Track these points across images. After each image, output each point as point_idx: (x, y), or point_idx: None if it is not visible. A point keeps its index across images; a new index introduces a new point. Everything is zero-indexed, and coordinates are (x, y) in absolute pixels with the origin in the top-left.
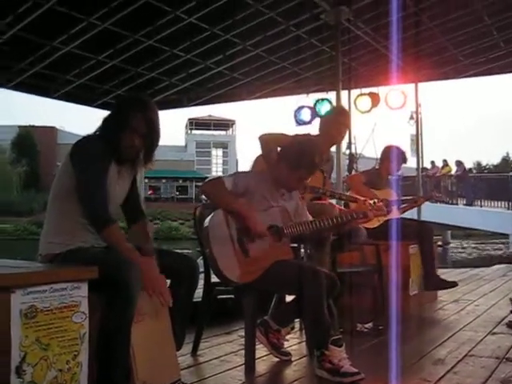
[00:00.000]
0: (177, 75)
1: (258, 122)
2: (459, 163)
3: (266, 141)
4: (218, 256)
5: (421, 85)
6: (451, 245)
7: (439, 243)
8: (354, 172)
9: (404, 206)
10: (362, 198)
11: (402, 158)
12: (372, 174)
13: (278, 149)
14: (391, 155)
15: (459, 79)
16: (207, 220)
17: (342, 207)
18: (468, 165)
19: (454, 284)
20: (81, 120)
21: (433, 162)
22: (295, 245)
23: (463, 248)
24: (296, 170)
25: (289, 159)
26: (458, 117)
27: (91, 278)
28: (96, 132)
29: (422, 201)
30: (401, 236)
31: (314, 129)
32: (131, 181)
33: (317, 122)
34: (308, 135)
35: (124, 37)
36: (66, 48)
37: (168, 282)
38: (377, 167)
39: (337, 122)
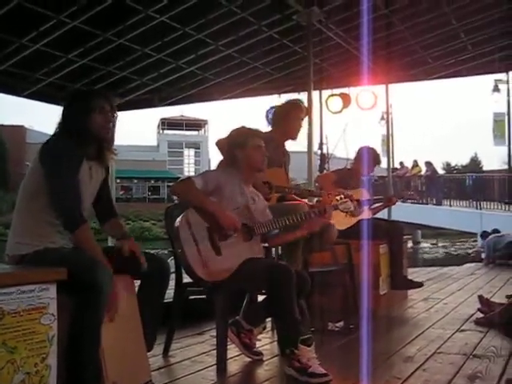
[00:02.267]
0: (148, 74)
1: (230, 122)
2: (429, 164)
3: (223, 144)
4: (189, 255)
5: (391, 86)
6: (421, 244)
7: (409, 243)
8: (325, 172)
9: (377, 205)
10: (326, 192)
11: (376, 160)
12: (344, 173)
13: None
14: (364, 156)
15: (429, 81)
16: (178, 220)
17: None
18: (437, 165)
19: (420, 284)
20: (50, 119)
21: (401, 163)
22: (267, 244)
23: (433, 247)
24: (242, 143)
25: (235, 143)
26: (428, 118)
27: (60, 280)
28: (59, 129)
29: (395, 200)
30: (371, 235)
31: None
32: (102, 179)
33: None
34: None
35: (94, 35)
36: (35, 46)
37: (138, 282)
38: (349, 167)
39: (294, 117)
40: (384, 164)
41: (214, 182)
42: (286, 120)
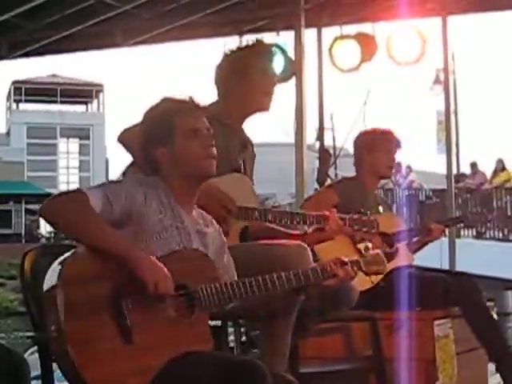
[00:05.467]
0: None
1: (148, 88)
2: None
3: (132, 136)
4: (76, 343)
5: (453, 20)
6: None
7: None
8: (318, 191)
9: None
10: (332, 216)
11: (395, 144)
12: (348, 187)
13: None
14: (376, 147)
15: None
16: (51, 273)
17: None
18: None
19: None
20: None
21: (474, 165)
22: (217, 322)
23: None
24: (172, 130)
25: (158, 132)
26: None
27: None
28: None
29: (441, 229)
30: (419, 301)
31: None
32: None
33: None
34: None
35: None
36: None
37: None
38: (349, 176)
39: (256, 72)
40: (441, 166)
41: (124, 204)
42: (243, 79)
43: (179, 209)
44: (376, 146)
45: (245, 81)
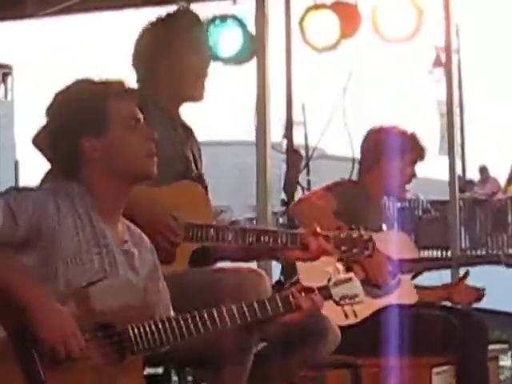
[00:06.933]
0: None
1: (67, 71)
2: None
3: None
4: None
5: None
6: None
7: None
8: (309, 192)
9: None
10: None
11: (417, 153)
12: (349, 191)
13: None
14: (389, 149)
15: None
16: None
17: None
18: None
19: None
20: None
21: (484, 169)
22: (158, 370)
23: None
24: (93, 120)
25: (73, 123)
26: None
27: None
28: None
29: (474, 297)
30: (413, 345)
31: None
32: None
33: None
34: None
35: None
36: None
37: None
38: (355, 179)
39: (185, 49)
40: (443, 173)
41: (32, 218)
42: (167, 59)
43: (101, 223)
44: (383, 154)
45: (170, 60)
